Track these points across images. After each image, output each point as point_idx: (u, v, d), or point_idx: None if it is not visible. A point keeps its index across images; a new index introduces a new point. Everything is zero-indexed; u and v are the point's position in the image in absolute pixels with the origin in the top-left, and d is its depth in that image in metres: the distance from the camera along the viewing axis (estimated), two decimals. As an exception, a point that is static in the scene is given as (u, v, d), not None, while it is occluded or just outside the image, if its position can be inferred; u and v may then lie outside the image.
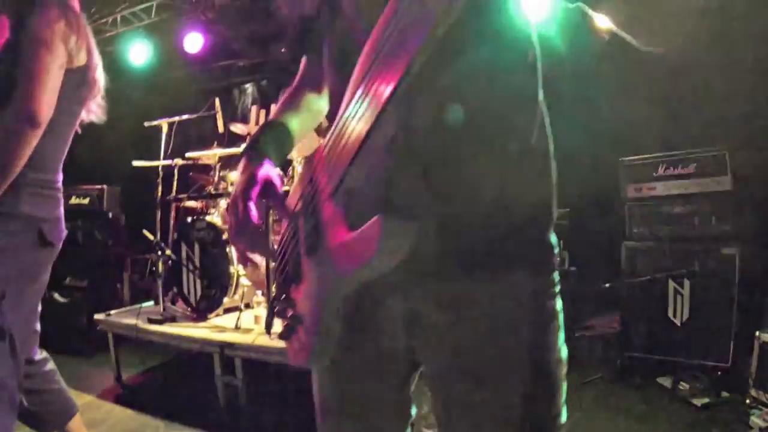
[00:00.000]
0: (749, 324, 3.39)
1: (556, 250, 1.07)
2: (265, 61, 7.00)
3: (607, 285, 3.98)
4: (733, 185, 3.76)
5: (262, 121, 6.59)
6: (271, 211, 1.20)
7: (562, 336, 1.05)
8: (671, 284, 3.81)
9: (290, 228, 1.22)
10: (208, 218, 4.58)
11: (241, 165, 1.20)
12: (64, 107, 2.15)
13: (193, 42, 6.54)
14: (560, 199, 1.05)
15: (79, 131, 2.38)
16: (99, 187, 5.67)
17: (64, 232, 2.29)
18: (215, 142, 5.25)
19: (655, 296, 3.88)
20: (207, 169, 5.16)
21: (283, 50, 6.54)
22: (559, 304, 1.05)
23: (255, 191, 1.13)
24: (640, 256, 4.04)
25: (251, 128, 5.19)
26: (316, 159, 1.10)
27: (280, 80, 7.02)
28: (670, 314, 3.82)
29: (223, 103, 6.39)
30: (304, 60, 1.44)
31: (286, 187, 3.64)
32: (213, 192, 4.81)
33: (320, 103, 1.40)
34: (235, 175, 1.20)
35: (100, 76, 2.33)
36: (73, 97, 2.21)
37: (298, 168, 4.40)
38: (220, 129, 5.25)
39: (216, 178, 4.94)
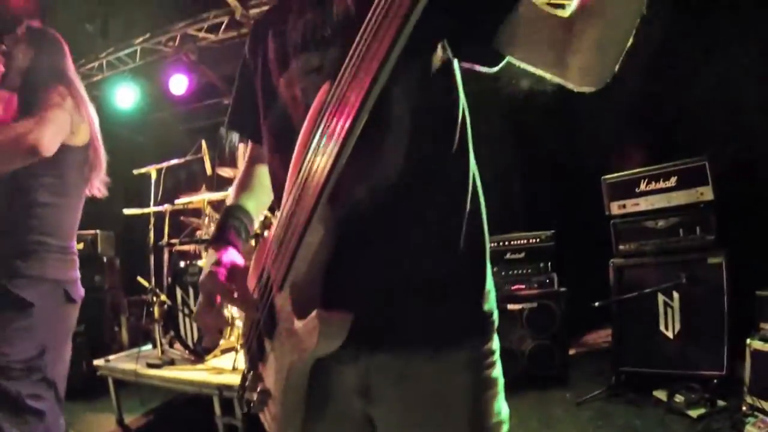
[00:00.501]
0: (742, 331, 3.43)
1: (494, 315, 1.16)
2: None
3: (597, 304, 4.03)
4: (715, 194, 3.83)
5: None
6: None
7: (500, 399, 1.15)
8: (661, 297, 3.87)
9: (251, 312, 1.31)
10: (200, 263, 4.67)
11: (209, 252, 1.34)
12: (73, 183, 2.42)
13: (178, 83, 6.65)
14: (546, 221, 1.13)
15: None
16: (92, 232, 5.75)
17: (83, 290, 2.51)
18: (204, 186, 5.35)
19: (646, 310, 3.93)
20: (197, 212, 5.25)
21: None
22: (497, 370, 1.15)
23: (221, 275, 1.23)
24: (628, 271, 4.11)
25: (237, 172, 5.28)
26: (268, 246, 1.19)
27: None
28: (662, 327, 3.87)
29: (210, 142, 6.50)
30: (249, 142, 1.58)
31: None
32: (204, 237, 4.91)
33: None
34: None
35: (102, 154, 2.53)
36: (80, 175, 2.45)
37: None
38: (208, 171, 5.35)
39: (206, 222, 5.02)
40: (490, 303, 1.16)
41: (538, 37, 1.04)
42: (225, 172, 5.40)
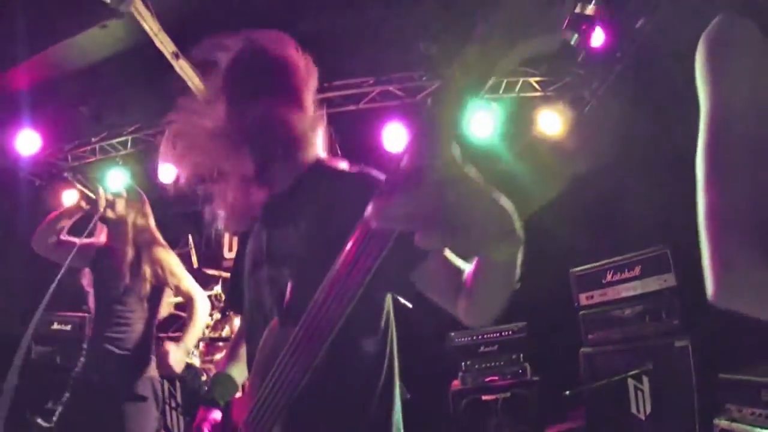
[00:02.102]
0: (710, 411, 3.50)
1: None
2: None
3: (567, 393, 4.13)
4: (678, 280, 4.00)
5: (234, 247, 6.93)
6: None
7: None
8: (631, 381, 3.98)
9: None
10: (187, 359, 4.77)
11: (199, 412, 1.74)
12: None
13: (167, 172, 6.87)
14: (518, 313, 1.31)
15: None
16: (81, 314, 5.72)
17: None
18: None
19: (618, 395, 4.03)
20: (182, 307, 5.37)
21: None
22: None
23: (207, 428, 1.68)
24: (598, 359, 4.23)
25: (221, 272, 5.81)
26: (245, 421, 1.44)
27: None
28: (634, 410, 3.96)
29: (196, 227, 6.70)
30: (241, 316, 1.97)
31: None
32: None
33: None
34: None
35: None
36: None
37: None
38: (194, 264, 5.56)
39: None
40: None
41: (438, 281, 1.36)
42: (211, 272, 5.77)
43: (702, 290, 2.30)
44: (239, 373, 1.87)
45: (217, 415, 1.72)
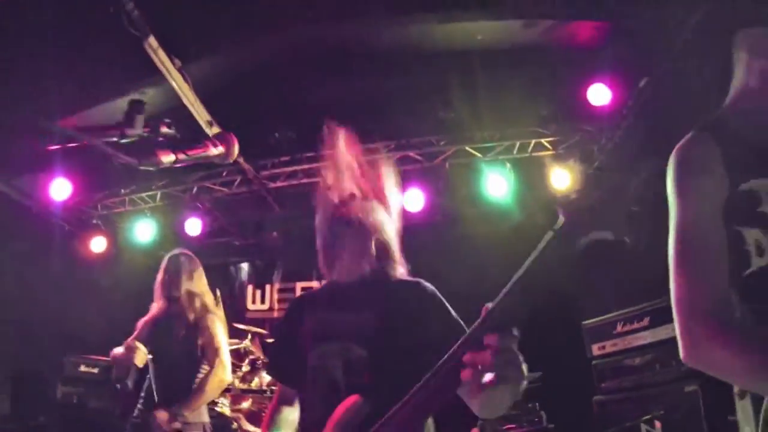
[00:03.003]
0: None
1: None
2: (257, 243, 7.68)
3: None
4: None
5: (258, 299, 7.26)
6: None
7: None
8: (644, 427, 4.13)
9: None
10: (218, 408, 5.02)
11: None
12: None
13: (193, 226, 7.20)
14: (534, 363, 1.59)
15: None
16: (107, 359, 5.87)
17: None
18: None
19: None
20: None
21: (274, 234, 7.27)
22: None
23: None
24: (611, 406, 4.42)
25: (249, 327, 6.06)
26: None
27: (273, 261, 7.73)
28: (647, 455, 4.10)
29: (221, 280, 6.96)
30: (279, 385, 2.26)
31: None
32: None
33: (294, 414, 2.16)
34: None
35: None
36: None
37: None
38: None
39: None
40: None
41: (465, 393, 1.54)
42: (240, 326, 6.01)
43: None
44: None
45: None
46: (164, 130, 1.27)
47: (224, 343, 4.07)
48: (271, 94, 5.80)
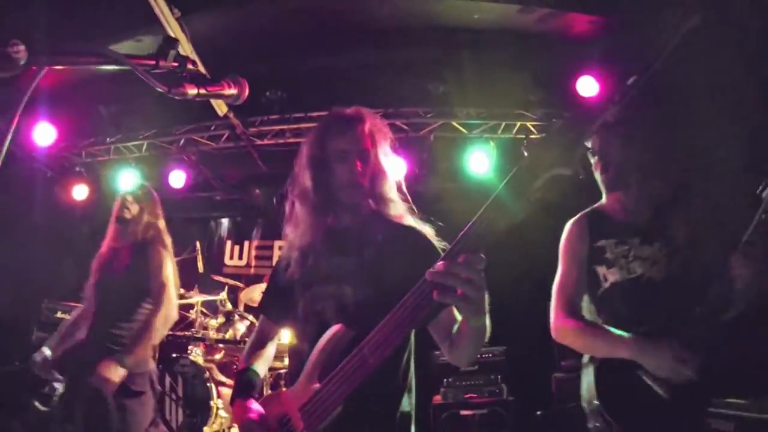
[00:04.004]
0: None
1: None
2: (239, 199, 7.74)
3: (539, 413, 4.55)
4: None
5: (235, 255, 7.38)
6: None
7: None
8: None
9: None
10: (192, 357, 5.18)
11: (237, 402, 2.01)
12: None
13: (177, 178, 7.25)
14: (498, 338, 1.77)
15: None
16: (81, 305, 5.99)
17: None
18: (196, 285, 5.89)
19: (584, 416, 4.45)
20: (188, 306, 5.77)
21: (257, 191, 7.35)
22: None
23: (255, 417, 1.91)
24: (568, 383, 4.67)
25: (227, 280, 6.24)
26: (293, 407, 1.83)
27: (253, 218, 7.85)
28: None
29: (201, 234, 7.06)
30: (262, 317, 2.36)
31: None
32: (196, 335, 5.57)
33: (272, 349, 2.31)
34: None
35: None
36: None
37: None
38: (200, 270, 5.95)
39: (199, 322, 5.64)
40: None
41: (441, 326, 1.91)
42: (217, 277, 6.20)
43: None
44: (263, 368, 2.21)
45: (256, 405, 1.96)
46: (190, 66, 1.40)
47: (172, 278, 3.73)
48: (265, 54, 5.83)
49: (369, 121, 2.09)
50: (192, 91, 1.40)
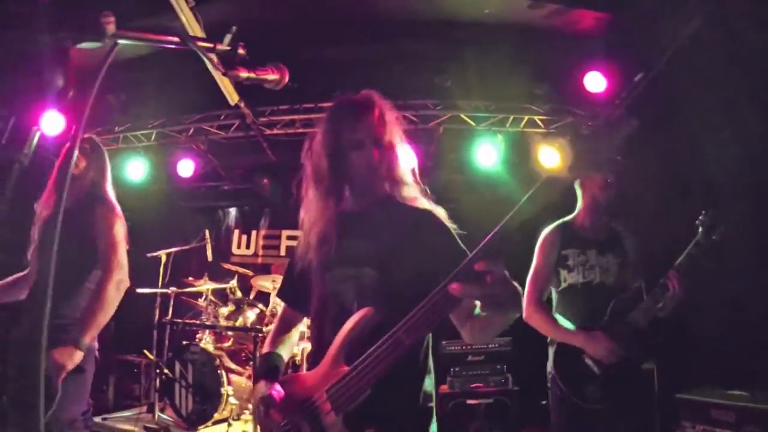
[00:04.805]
0: (668, 428, 4.07)
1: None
2: (248, 188, 7.78)
3: (544, 403, 4.62)
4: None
5: (243, 244, 7.44)
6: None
7: None
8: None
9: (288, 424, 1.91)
10: (202, 344, 5.26)
11: (260, 383, 2.02)
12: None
13: (186, 167, 7.31)
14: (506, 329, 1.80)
15: None
16: None
17: None
18: (206, 274, 5.97)
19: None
20: (197, 294, 5.84)
21: (265, 181, 7.40)
22: None
23: (277, 398, 1.92)
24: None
25: (237, 268, 6.26)
26: (318, 389, 1.85)
27: (261, 208, 7.90)
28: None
29: (208, 223, 7.12)
30: (284, 305, 2.40)
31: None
32: (206, 323, 5.64)
33: (295, 336, 2.36)
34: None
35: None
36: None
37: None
38: (209, 258, 6.03)
39: (209, 310, 5.71)
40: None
41: (461, 311, 1.85)
42: (228, 266, 6.25)
43: (669, 317, 2.93)
44: (286, 353, 2.24)
45: (278, 387, 1.96)
46: (240, 51, 1.44)
47: (123, 241, 3.18)
48: (277, 44, 5.85)
49: (379, 105, 2.09)
50: (244, 74, 1.45)
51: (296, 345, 2.43)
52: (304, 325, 2.92)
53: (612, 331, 3.20)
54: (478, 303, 1.74)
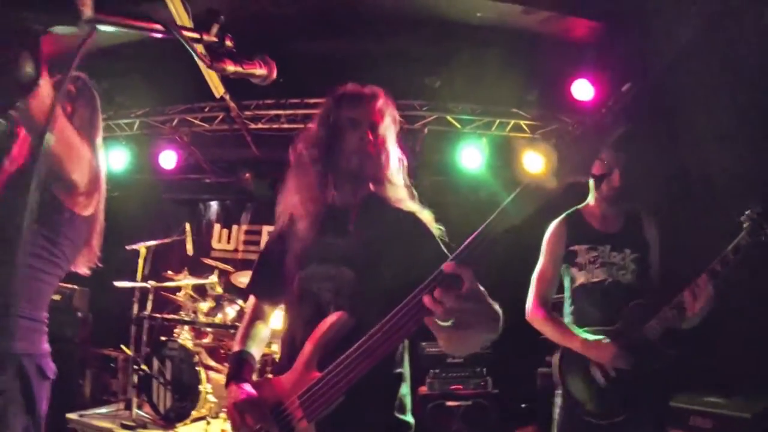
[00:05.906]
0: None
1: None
2: (230, 182, 7.71)
3: (523, 406, 4.68)
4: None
5: (223, 239, 7.38)
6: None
7: None
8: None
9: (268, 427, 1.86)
10: (180, 340, 5.19)
11: (231, 386, 1.94)
12: (66, 253, 2.20)
13: (168, 159, 7.20)
14: None
15: None
16: (71, 286, 5.95)
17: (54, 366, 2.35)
18: (186, 268, 5.89)
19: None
20: (176, 289, 5.77)
21: (247, 175, 7.33)
22: None
23: (247, 397, 1.86)
24: (552, 379, 4.77)
25: (217, 263, 6.22)
26: (289, 394, 1.81)
27: (242, 202, 7.84)
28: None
29: (189, 216, 7.03)
30: (253, 298, 2.27)
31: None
32: (186, 319, 5.58)
33: (267, 331, 2.24)
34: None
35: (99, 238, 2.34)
36: (75, 244, 2.23)
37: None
38: (189, 252, 5.95)
39: (188, 306, 5.67)
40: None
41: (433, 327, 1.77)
42: (207, 261, 6.20)
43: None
44: (257, 351, 2.14)
45: (250, 388, 1.91)
46: (228, 42, 1.36)
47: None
48: (264, 38, 5.80)
49: (383, 100, 2.07)
50: (230, 67, 1.35)
51: (268, 341, 2.28)
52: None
53: (621, 339, 2.82)
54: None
